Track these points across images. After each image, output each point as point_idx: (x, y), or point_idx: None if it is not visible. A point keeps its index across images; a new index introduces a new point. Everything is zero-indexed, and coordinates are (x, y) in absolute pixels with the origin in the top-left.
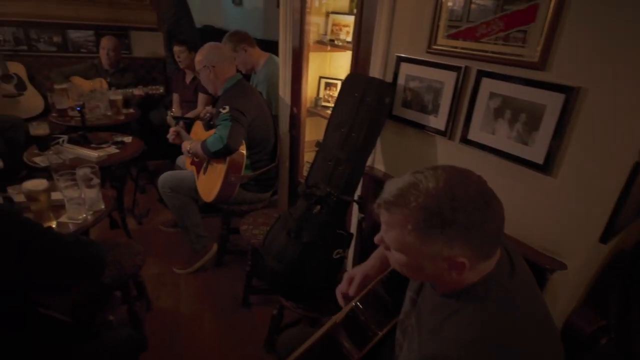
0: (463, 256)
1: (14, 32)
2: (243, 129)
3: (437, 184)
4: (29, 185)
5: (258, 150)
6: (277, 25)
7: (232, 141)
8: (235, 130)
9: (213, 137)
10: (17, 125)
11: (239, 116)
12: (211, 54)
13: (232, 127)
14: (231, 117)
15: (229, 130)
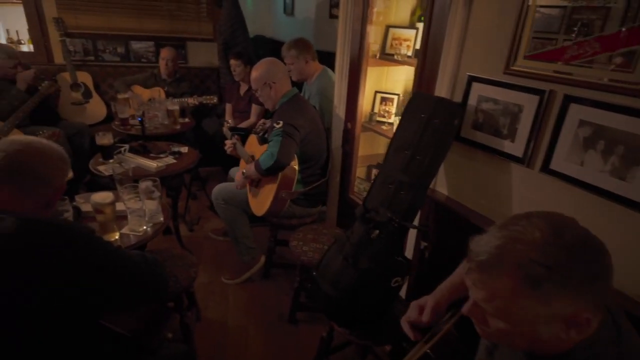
0: (587, 311)
1: (83, 44)
2: (295, 144)
3: (543, 234)
4: (97, 198)
5: (310, 165)
6: (328, 36)
7: (282, 157)
8: (287, 145)
9: (265, 155)
10: (83, 131)
11: (291, 131)
12: (271, 71)
13: (282, 143)
14: (283, 132)
15: (280, 146)
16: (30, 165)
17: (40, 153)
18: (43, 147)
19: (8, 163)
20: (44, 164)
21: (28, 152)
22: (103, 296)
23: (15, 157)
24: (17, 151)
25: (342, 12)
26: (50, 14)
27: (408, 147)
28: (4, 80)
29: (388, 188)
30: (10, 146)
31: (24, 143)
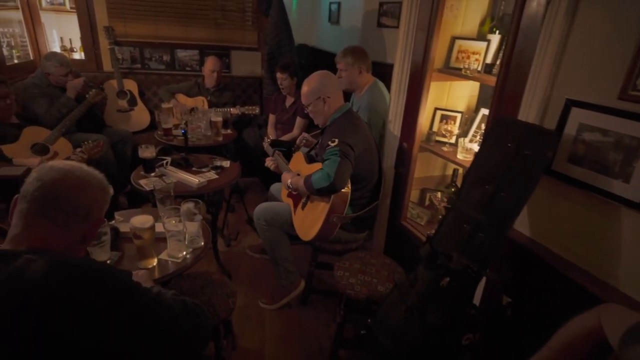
0: None
1: (131, 52)
2: (351, 165)
3: None
4: (136, 222)
5: (361, 186)
6: (375, 45)
7: (339, 179)
8: (344, 167)
9: (320, 174)
10: (127, 138)
11: (348, 151)
12: (325, 84)
13: (340, 164)
14: (340, 152)
15: (337, 167)
16: (67, 197)
17: (80, 183)
18: (83, 175)
19: (43, 194)
20: (82, 195)
21: (66, 182)
22: (135, 352)
23: (52, 187)
24: (54, 180)
25: (404, 20)
26: (101, 23)
27: (490, 180)
28: (55, 87)
29: (462, 228)
30: (47, 174)
31: (62, 171)
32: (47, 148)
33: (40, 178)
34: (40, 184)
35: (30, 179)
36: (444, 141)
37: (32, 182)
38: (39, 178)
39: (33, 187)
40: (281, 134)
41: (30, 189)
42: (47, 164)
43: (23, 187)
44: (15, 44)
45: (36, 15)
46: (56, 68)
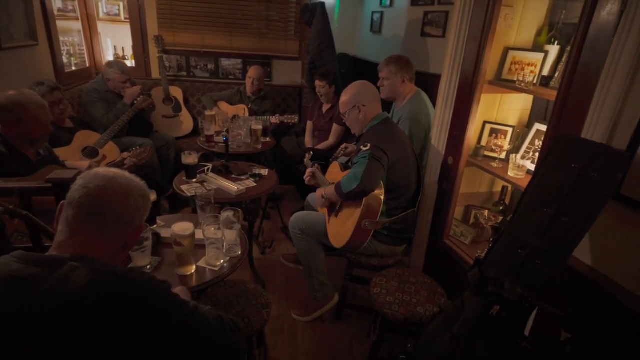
0: None
1: (177, 60)
2: (382, 168)
3: None
4: (177, 228)
5: (396, 195)
6: (418, 55)
7: (367, 180)
8: (373, 169)
9: (347, 176)
10: (171, 143)
11: (379, 155)
12: (361, 93)
13: (368, 165)
14: (370, 154)
15: (365, 168)
16: (111, 205)
17: (123, 191)
18: (126, 183)
19: (88, 202)
20: (125, 203)
21: (110, 190)
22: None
23: (97, 195)
24: (99, 188)
25: (453, 29)
26: (152, 32)
27: (550, 203)
28: (112, 93)
29: (517, 254)
30: (92, 181)
31: (106, 179)
32: (96, 151)
33: (86, 185)
34: (86, 191)
35: (76, 185)
36: (493, 156)
37: (78, 189)
38: (85, 185)
39: (79, 194)
40: (318, 141)
41: (76, 196)
42: (92, 171)
43: (69, 193)
44: (74, 52)
45: (94, 25)
46: (117, 75)
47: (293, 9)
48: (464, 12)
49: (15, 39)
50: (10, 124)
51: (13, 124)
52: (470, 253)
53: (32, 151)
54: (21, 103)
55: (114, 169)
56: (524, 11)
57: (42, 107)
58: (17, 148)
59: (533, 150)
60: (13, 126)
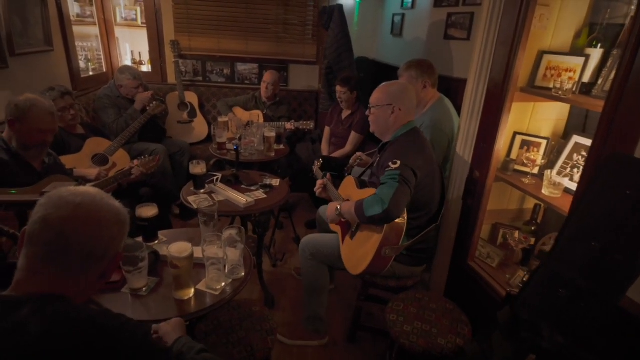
0: None
1: (193, 65)
2: (410, 192)
3: None
4: (174, 250)
5: (420, 215)
6: (441, 59)
7: (394, 207)
8: (402, 194)
9: (372, 198)
10: (184, 149)
11: (409, 176)
12: (404, 96)
13: (398, 190)
14: (400, 176)
15: (394, 193)
16: (78, 240)
17: (93, 221)
18: (96, 210)
19: (50, 238)
20: (96, 235)
21: (76, 222)
22: None
23: (60, 229)
24: (63, 220)
25: (481, 31)
26: (168, 37)
27: (598, 236)
28: (124, 98)
29: (557, 293)
30: (55, 211)
31: (71, 206)
32: (106, 159)
33: (46, 217)
34: (46, 224)
35: (36, 215)
36: (525, 171)
37: (37, 220)
38: (44, 217)
39: (38, 228)
40: (334, 149)
41: (36, 230)
42: (55, 193)
43: (29, 224)
44: (91, 57)
45: (111, 30)
46: (129, 81)
47: (311, 12)
48: (493, 13)
49: (31, 45)
50: (11, 122)
51: (13, 122)
52: (498, 277)
53: (37, 160)
54: (29, 103)
55: (82, 189)
56: (561, 10)
57: (46, 114)
58: (22, 156)
59: (571, 166)
60: (12, 124)
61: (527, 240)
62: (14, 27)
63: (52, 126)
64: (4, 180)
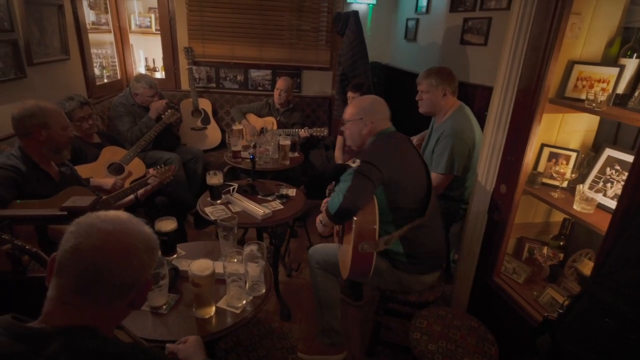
0: None
1: (207, 71)
2: (370, 184)
3: None
4: (195, 268)
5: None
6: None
7: (351, 195)
8: (358, 184)
9: (332, 197)
10: (198, 157)
11: (367, 169)
12: (376, 109)
13: (353, 180)
14: (356, 171)
15: (349, 185)
16: (110, 271)
17: (124, 251)
18: (127, 239)
19: (81, 269)
20: (128, 265)
21: (108, 252)
22: None
23: (92, 259)
24: (95, 250)
25: (509, 40)
26: (182, 44)
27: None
28: (139, 107)
29: (602, 323)
30: (86, 240)
31: (103, 235)
32: (122, 168)
33: (78, 246)
34: (78, 254)
35: (67, 243)
36: (554, 184)
37: (68, 250)
38: (77, 246)
39: (70, 257)
40: (348, 157)
41: (67, 260)
42: (86, 220)
43: (60, 249)
44: (106, 64)
45: (126, 37)
46: (144, 89)
47: (324, 18)
48: (522, 20)
49: (48, 54)
50: (36, 131)
51: (39, 130)
52: (525, 294)
53: (55, 169)
54: (43, 107)
55: (113, 213)
56: (592, 18)
57: (61, 112)
58: (39, 165)
59: (604, 181)
60: (39, 133)
61: (556, 257)
62: (32, 37)
63: (68, 121)
64: (23, 192)
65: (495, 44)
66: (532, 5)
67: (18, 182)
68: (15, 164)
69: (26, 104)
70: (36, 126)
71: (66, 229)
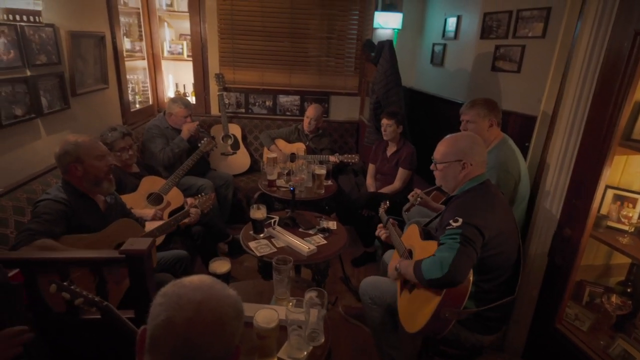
0: None
1: (237, 97)
2: (475, 254)
3: None
4: (260, 319)
5: (490, 277)
6: (487, 91)
7: (456, 271)
8: (464, 257)
9: (431, 261)
10: (229, 182)
11: (473, 236)
12: (474, 150)
13: (459, 252)
14: (462, 236)
15: (455, 256)
16: (204, 346)
17: (216, 320)
18: (218, 306)
19: (176, 345)
20: (221, 337)
21: (202, 324)
22: None
23: (186, 334)
24: (188, 322)
25: (576, 71)
26: (213, 70)
27: None
28: (173, 129)
29: None
30: (178, 311)
31: (193, 305)
32: (161, 198)
33: (171, 321)
34: (172, 329)
35: (157, 317)
36: (620, 228)
37: (161, 324)
38: (169, 321)
39: (163, 333)
40: (380, 185)
41: (160, 335)
42: (174, 289)
43: (150, 321)
44: (138, 90)
45: (158, 63)
46: (180, 109)
47: (353, 45)
48: (592, 51)
49: (89, 84)
50: (72, 167)
51: (75, 166)
52: (591, 343)
53: (102, 198)
54: (76, 143)
55: (197, 278)
56: None
57: (94, 143)
58: (88, 194)
59: None
60: (75, 169)
61: (626, 305)
62: (76, 69)
63: (104, 148)
64: (71, 224)
65: (530, 71)
66: (602, 47)
67: (67, 215)
68: (65, 197)
69: (64, 142)
70: (71, 163)
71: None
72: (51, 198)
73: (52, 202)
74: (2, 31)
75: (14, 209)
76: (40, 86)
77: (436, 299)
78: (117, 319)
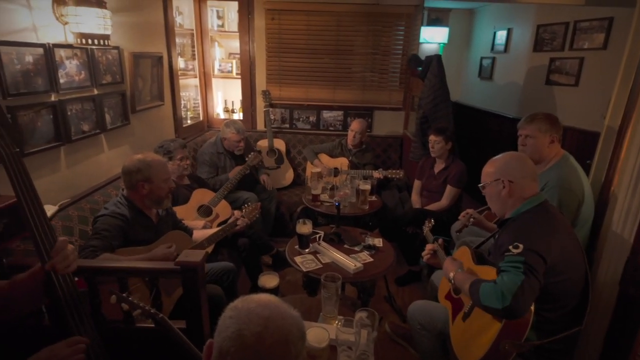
0: None
1: (282, 113)
2: (538, 284)
3: None
4: (311, 339)
5: (554, 306)
6: (540, 105)
7: (518, 304)
8: (527, 288)
9: (491, 288)
10: (272, 196)
11: (536, 264)
12: (512, 166)
13: (523, 283)
14: (525, 264)
15: (518, 288)
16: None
17: (283, 337)
18: (283, 324)
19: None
20: (286, 354)
21: (270, 339)
22: None
23: (255, 348)
24: (257, 337)
25: None
26: (260, 87)
27: None
28: (226, 155)
29: None
30: (248, 325)
31: (262, 320)
32: (210, 210)
33: (241, 334)
34: (242, 342)
35: (227, 330)
36: None
37: (231, 337)
38: (239, 334)
39: (233, 345)
40: (426, 201)
41: (230, 348)
42: (244, 304)
43: (219, 338)
44: (189, 107)
45: (209, 81)
46: (232, 134)
47: (399, 60)
48: None
49: (147, 101)
50: (140, 185)
51: (143, 185)
52: None
53: (154, 212)
54: (147, 162)
55: (265, 297)
56: None
57: (163, 165)
58: (143, 210)
59: None
60: (142, 187)
61: None
62: (136, 87)
63: (169, 172)
64: (129, 239)
65: (589, 84)
66: None
67: (124, 230)
68: (123, 212)
69: (134, 159)
70: (140, 181)
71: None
72: (109, 214)
73: (110, 218)
74: (75, 54)
75: (79, 219)
76: (105, 104)
77: (494, 328)
78: (171, 330)
